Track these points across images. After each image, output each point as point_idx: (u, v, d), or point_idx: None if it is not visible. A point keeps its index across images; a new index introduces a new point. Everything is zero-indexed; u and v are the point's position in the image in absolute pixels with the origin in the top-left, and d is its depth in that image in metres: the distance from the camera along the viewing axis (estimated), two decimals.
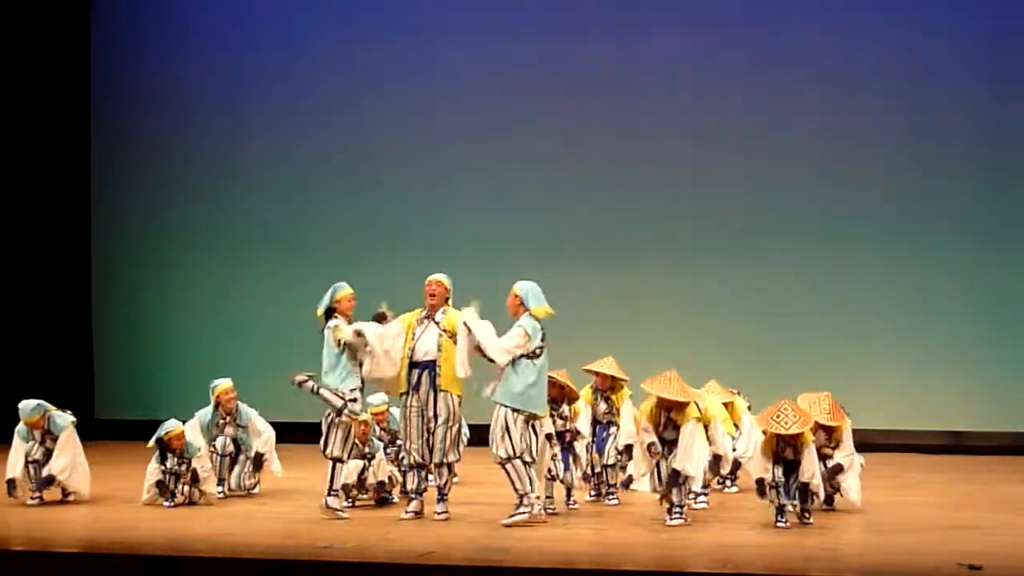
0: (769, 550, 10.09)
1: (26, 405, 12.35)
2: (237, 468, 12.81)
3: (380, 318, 11.70)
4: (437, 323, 11.41)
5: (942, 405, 15.88)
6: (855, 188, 16.28)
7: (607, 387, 12.15)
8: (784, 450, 10.86)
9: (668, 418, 10.97)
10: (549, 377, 11.42)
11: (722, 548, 10.12)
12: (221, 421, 12.77)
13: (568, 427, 11.79)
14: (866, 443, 15.57)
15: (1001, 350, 15.89)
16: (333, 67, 17.56)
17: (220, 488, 12.75)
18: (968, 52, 15.99)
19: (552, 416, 11.64)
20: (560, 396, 11.79)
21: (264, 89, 17.72)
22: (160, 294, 17.39)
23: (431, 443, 11.36)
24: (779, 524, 10.89)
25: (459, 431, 11.51)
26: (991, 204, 16.00)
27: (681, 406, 10.87)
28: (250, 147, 17.76)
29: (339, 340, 11.48)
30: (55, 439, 12.21)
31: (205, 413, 12.72)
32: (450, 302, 11.54)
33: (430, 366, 11.30)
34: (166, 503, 12.03)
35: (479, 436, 13.81)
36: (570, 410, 11.82)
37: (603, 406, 12.18)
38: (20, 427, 12.29)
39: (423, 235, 17.20)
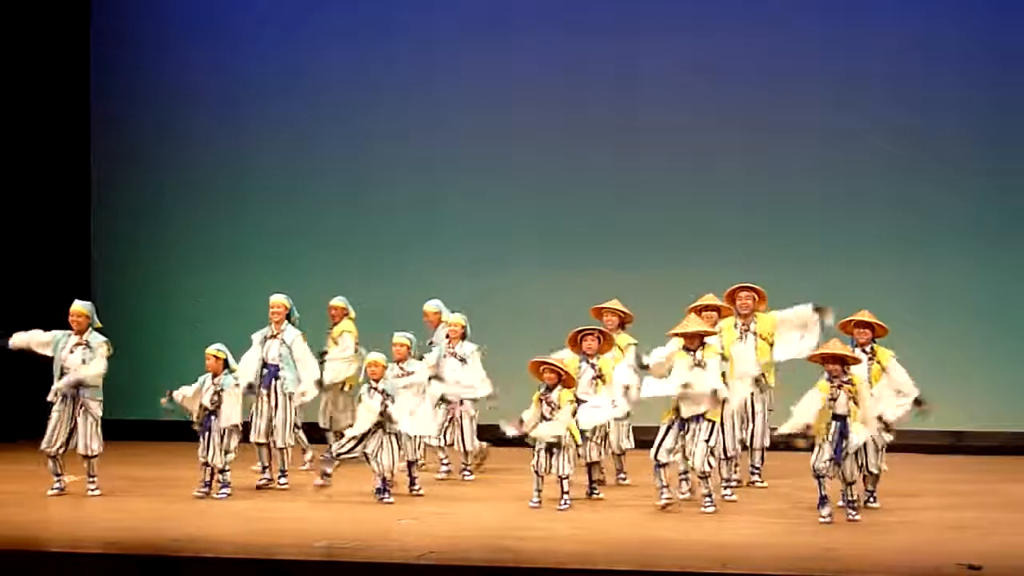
0: (769, 550, 10.10)
1: None
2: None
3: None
4: None
5: (942, 405, 15.84)
6: (855, 190, 16.26)
7: (596, 350, 12.27)
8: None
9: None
10: (546, 363, 11.81)
11: (722, 548, 10.13)
12: None
13: (554, 415, 11.76)
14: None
15: (1001, 350, 15.87)
16: (334, 69, 17.51)
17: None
18: (970, 57, 15.97)
19: (541, 401, 11.73)
20: (555, 382, 11.81)
21: (265, 90, 17.66)
22: (160, 295, 17.38)
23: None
24: (822, 519, 11.01)
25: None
26: (991, 206, 15.98)
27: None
28: (251, 148, 17.72)
29: None
30: None
31: None
32: None
33: None
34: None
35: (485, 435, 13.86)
36: (559, 398, 11.81)
37: (589, 373, 12.19)
38: None
39: (423, 237, 17.17)
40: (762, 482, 12.98)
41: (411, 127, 17.29)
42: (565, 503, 11.81)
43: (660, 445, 11.53)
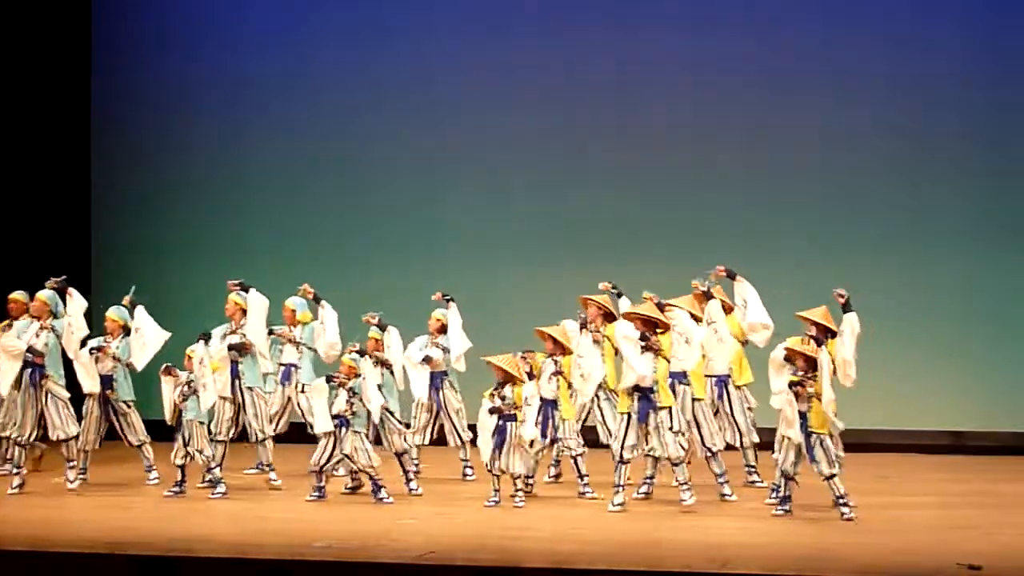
0: (769, 550, 10.10)
1: None
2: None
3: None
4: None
5: (942, 405, 15.86)
6: (855, 189, 16.26)
7: (550, 352, 12.51)
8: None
9: None
10: (490, 362, 12.02)
11: (722, 548, 10.13)
12: None
13: (508, 410, 11.84)
14: (866, 443, 15.62)
15: (1001, 350, 15.86)
16: (334, 69, 17.51)
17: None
18: (969, 57, 15.96)
19: (494, 396, 11.87)
20: (506, 380, 11.91)
21: (265, 91, 17.68)
22: (160, 297, 17.31)
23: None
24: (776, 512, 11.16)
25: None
26: (991, 205, 15.98)
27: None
28: (251, 148, 17.73)
29: None
30: None
31: None
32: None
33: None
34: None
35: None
36: (514, 393, 11.88)
37: (551, 368, 12.37)
38: None
39: (423, 237, 17.19)
40: (761, 481, 12.95)
41: (411, 127, 17.29)
42: (520, 501, 11.91)
43: (624, 442, 11.56)
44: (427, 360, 13.48)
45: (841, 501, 11.18)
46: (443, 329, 13.72)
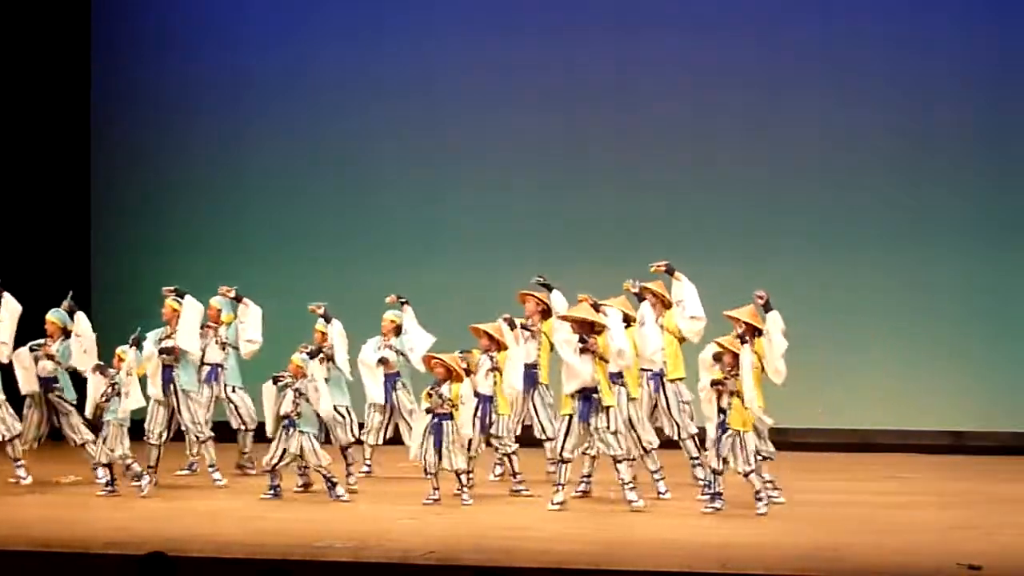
0: (768, 550, 10.10)
1: None
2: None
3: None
4: None
5: (942, 405, 15.86)
6: (855, 189, 16.26)
7: (485, 348, 12.57)
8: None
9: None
10: (434, 357, 12.10)
11: (722, 548, 10.13)
12: None
13: (444, 407, 11.88)
14: (866, 443, 15.64)
15: (1001, 350, 15.85)
16: (334, 69, 17.52)
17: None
18: (969, 57, 15.95)
19: (431, 395, 11.89)
20: (446, 377, 11.95)
21: (265, 91, 17.68)
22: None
23: None
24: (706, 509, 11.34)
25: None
26: (991, 205, 15.98)
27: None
28: (251, 148, 17.73)
29: None
30: None
31: None
32: None
33: None
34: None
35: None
36: (451, 391, 11.91)
37: (487, 364, 12.42)
38: None
39: (423, 237, 17.19)
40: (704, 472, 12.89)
41: (411, 127, 17.29)
42: (467, 499, 11.99)
43: (564, 442, 11.59)
44: (383, 362, 13.50)
45: (757, 495, 11.32)
46: (397, 331, 13.77)
